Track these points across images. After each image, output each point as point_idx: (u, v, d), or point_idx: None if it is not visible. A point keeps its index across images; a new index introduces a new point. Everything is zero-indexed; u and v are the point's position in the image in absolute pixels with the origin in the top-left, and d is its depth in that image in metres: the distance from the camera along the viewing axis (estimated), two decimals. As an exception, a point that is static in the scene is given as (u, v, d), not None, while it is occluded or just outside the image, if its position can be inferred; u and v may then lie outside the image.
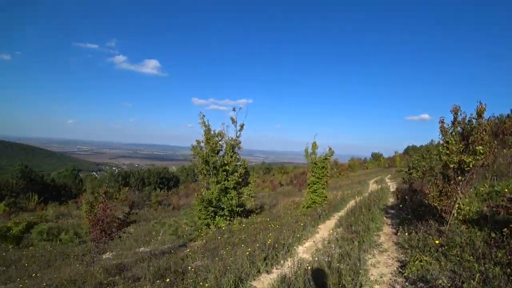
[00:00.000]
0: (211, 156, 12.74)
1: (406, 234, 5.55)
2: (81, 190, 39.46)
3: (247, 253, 6.00)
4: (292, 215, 11.60)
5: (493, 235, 4.43)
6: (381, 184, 18.71)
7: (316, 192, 12.19)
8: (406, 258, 4.59)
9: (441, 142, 5.42)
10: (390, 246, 5.74)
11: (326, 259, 5.12)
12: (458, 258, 4.01)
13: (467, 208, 5.47)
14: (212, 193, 12.69)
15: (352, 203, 11.67)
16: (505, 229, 4.10)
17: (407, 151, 51.88)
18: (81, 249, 11.81)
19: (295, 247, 6.61)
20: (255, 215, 13.73)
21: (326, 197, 12.35)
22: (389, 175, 29.22)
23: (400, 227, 6.27)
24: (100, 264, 8.20)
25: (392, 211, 9.14)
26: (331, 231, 7.37)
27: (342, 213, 10.01)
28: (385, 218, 8.25)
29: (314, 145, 12.60)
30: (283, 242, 6.61)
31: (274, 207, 16.41)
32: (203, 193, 13.06)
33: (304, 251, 6.45)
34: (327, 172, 12.30)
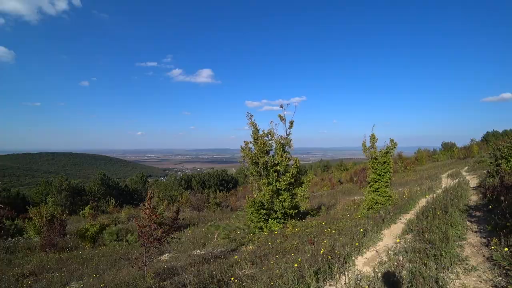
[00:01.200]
0: (260, 156, 12.26)
1: (506, 249, 4.04)
2: (149, 194, 43.35)
3: (296, 265, 5.29)
4: (351, 218, 10.44)
5: None
6: (458, 179, 15.87)
7: (378, 191, 10.72)
8: (509, 285, 3.33)
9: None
10: (480, 263, 4.38)
11: (392, 279, 4.13)
12: None
13: None
14: (264, 195, 12.21)
15: (422, 202, 9.99)
16: None
17: (487, 138, 44.03)
18: (141, 250, 12.46)
19: (353, 258, 5.66)
20: (310, 217, 12.85)
21: (390, 196, 10.76)
22: (466, 167, 24.88)
23: (494, 236, 4.79)
24: (154, 267, 8.36)
25: (478, 214, 7.40)
26: (397, 240, 6.20)
27: (410, 215, 8.53)
28: (468, 223, 6.66)
29: (373, 137, 11.04)
30: (338, 252, 5.73)
31: (332, 208, 15.21)
32: (255, 195, 12.67)
33: (365, 263, 5.46)
34: (390, 167, 10.70)
